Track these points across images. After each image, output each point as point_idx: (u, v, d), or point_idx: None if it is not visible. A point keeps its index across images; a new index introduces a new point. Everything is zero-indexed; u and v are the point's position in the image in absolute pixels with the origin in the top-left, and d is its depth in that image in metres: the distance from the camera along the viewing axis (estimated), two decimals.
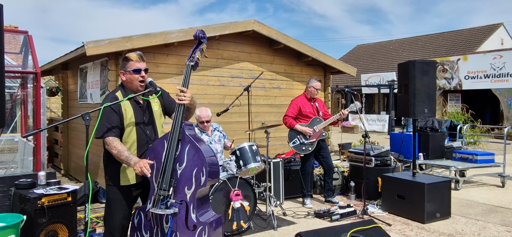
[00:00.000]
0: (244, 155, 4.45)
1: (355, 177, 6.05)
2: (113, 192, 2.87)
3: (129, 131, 2.84)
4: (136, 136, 2.86)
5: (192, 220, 2.69)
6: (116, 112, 2.78)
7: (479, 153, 7.09)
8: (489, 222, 4.84)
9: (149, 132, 2.92)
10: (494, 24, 24.65)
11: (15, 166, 5.42)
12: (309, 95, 5.66)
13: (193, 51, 2.87)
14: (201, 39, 2.88)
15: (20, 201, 3.59)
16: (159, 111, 3.00)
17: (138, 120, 2.87)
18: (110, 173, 2.88)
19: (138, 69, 2.82)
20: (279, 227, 4.52)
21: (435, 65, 5.43)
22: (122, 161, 2.74)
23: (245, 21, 6.81)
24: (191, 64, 2.84)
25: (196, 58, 2.83)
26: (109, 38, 5.47)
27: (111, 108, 2.76)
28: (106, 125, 2.73)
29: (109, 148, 2.74)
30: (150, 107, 2.96)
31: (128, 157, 2.70)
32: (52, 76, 10.01)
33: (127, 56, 2.85)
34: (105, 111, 2.73)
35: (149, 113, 2.94)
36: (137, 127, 2.86)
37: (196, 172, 2.68)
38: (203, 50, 2.89)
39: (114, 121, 2.76)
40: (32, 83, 5.32)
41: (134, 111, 2.87)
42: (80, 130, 7.15)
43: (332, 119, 5.62)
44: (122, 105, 2.82)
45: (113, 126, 2.75)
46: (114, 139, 2.74)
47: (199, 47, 2.88)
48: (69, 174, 7.94)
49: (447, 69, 15.94)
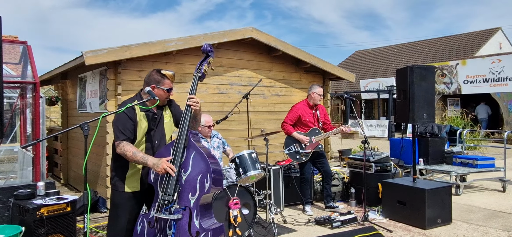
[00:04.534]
0: (244, 162, 4.44)
1: (356, 183, 6.04)
2: (119, 197, 2.94)
3: (140, 141, 2.93)
4: (145, 145, 2.96)
5: (195, 227, 2.71)
6: (131, 120, 2.87)
7: (480, 158, 7.08)
8: (490, 227, 4.82)
9: (158, 142, 3.00)
10: (492, 29, 24.75)
11: (15, 176, 5.41)
12: (312, 101, 5.65)
13: (201, 63, 3.05)
14: (209, 52, 3.06)
15: (19, 212, 3.58)
16: (170, 123, 3.10)
17: (149, 131, 2.96)
18: (117, 178, 2.95)
19: (171, 88, 2.98)
20: (279, 235, 4.50)
21: (433, 70, 5.44)
22: (138, 161, 2.81)
23: (244, 29, 6.83)
24: (199, 75, 3.03)
25: (203, 70, 3.02)
26: (108, 48, 5.48)
27: (127, 115, 2.85)
28: (122, 131, 2.82)
29: (122, 152, 2.80)
30: (162, 119, 3.04)
31: (143, 158, 2.79)
32: (51, 85, 10.03)
33: (164, 73, 2.95)
34: (121, 117, 2.83)
35: (161, 124, 3.03)
36: (147, 138, 2.95)
37: (201, 179, 2.73)
38: (210, 63, 3.07)
39: (129, 128, 2.85)
40: (31, 93, 5.34)
41: (148, 122, 2.95)
42: (80, 140, 7.14)
43: (330, 133, 5.61)
44: (138, 115, 2.91)
45: (128, 134, 2.84)
46: (127, 143, 2.82)
47: (206, 60, 3.05)
48: (69, 183, 7.91)
49: (446, 74, 15.98)
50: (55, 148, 8.79)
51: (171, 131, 3.11)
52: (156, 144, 2.98)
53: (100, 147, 5.98)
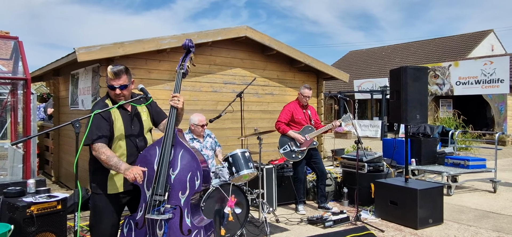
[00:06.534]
0: (237, 161, 4.43)
1: (348, 183, 6.05)
2: (100, 200, 2.81)
3: (118, 139, 2.81)
4: (126, 145, 2.83)
5: (187, 225, 2.69)
6: (106, 120, 2.75)
7: (471, 159, 7.13)
8: (481, 228, 4.86)
9: (139, 141, 2.90)
10: (485, 31, 25.00)
11: (5, 173, 5.35)
12: (301, 102, 5.68)
13: (183, 59, 2.98)
14: (190, 48, 2.99)
15: (9, 210, 3.53)
16: (148, 121, 2.98)
17: (127, 129, 2.84)
18: (97, 181, 2.82)
19: (112, 86, 2.79)
20: (272, 234, 4.49)
21: (426, 71, 5.46)
22: (111, 167, 2.68)
23: (238, 27, 6.81)
24: (182, 72, 2.93)
25: (186, 66, 2.95)
26: (100, 44, 5.43)
27: (101, 116, 2.74)
28: (96, 132, 2.70)
29: (97, 155, 2.69)
30: (139, 116, 2.94)
31: (117, 163, 2.66)
32: (43, 82, 9.93)
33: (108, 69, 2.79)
34: (95, 118, 2.70)
35: (138, 122, 2.92)
36: (126, 136, 2.83)
37: (191, 177, 2.71)
38: (192, 59, 3.00)
39: (103, 128, 2.73)
40: (23, 89, 5.27)
41: (123, 119, 2.84)
42: (71, 137, 7.08)
43: (324, 129, 5.64)
44: (112, 113, 2.80)
45: (102, 134, 2.72)
46: (103, 145, 2.70)
47: (188, 56, 2.99)
48: (60, 181, 7.84)
49: (439, 75, 16.07)
50: (47, 145, 8.70)
51: (149, 128, 2.99)
52: (137, 141, 2.87)
53: None
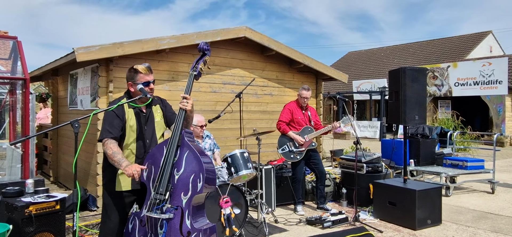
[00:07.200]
0: (236, 162, 4.44)
1: (347, 183, 6.06)
2: (110, 197, 2.91)
3: (129, 138, 2.89)
4: (136, 144, 2.91)
5: (187, 227, 2.68)
6: (119, 118, 2.83)
7: (469, 160, 7.15)
8: (479, 229, 4.87)
9: (149, 141, 2.96)
10: (483, 32, 25.04)
11: (3, 173, 5.33)
12: (300, 103, 5.68)
13: (197, 61, 2.96)
14: (205, 51, 2.97)
15: (7, 210, 3.53)
16: (161, 122, 3.04)
17: (139, 129, 2.92)
18: (107, 178, 2.92)
19: (147, 82, 2.87)
20: (270, 235, 4.50)
21: (425, 72, 5.48)
22: (114, 163, 2.76)
23: (237, 28, 6.81)
24: (194, 74, 2.92)
25: (199, 68, 2.93)
26: (99, 44, 5.43)
27: (114, 113, 2.82)
28: (108, 129, 2.79)
29: (105, 149, 2.78)
30: (152, 117, 3.00)
31: (120, 160, 2.73)
32: (42, 82, 9.91)
33: (135, 68, 2.88)
34: (109, 115, 2.80)
35: (151, 123, 2.99)
36: (137, 135, 2.91)
37: (193, 178, 2.71)
38: (206, 62, 2.98)
39: (116, 126, 2.81)
40: (21, 89, 5.26)
41: (137, 119, 2.91)
42: (70, 137, 7.07)
43: (323, 130, 5.64)
44: (126, 112, 2.87)
45: (114, 131, 2.80)
46: (112, 141, 2.78)
47: (202, 59, 2.97)
48: (59, 181, 7.83)
49: (437, 76, 16.10)
50: (45, 145, 8.69)
51: (162, 129, 3.07)
52: (147, 143, 2.95)
53: (91, 145, 5.92)
